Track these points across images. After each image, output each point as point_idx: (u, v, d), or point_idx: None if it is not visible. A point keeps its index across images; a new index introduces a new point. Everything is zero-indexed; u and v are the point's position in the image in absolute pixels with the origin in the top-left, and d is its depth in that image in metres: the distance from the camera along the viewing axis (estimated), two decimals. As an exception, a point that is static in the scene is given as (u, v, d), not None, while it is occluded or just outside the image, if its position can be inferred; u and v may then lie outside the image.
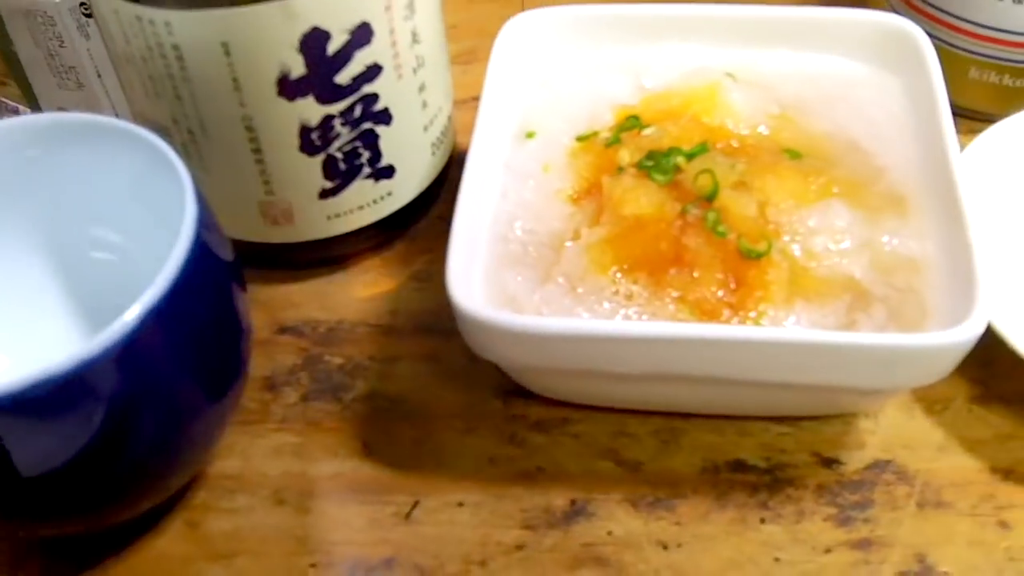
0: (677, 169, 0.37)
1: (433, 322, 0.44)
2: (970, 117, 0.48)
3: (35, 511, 0.34)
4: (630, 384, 0.36)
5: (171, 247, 0.32)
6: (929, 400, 0.40)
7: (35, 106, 0.51)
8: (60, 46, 0.47)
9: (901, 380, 0.34)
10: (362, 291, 0.45)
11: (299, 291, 0.45)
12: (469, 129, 0.47)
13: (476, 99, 0.47)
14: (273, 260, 0.45)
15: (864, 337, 0.33)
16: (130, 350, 0.31)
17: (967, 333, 0.32)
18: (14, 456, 0.31)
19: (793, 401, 0.37)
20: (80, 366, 0.30)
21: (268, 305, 0.44)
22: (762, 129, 0.41)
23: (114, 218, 0.39)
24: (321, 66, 0.38)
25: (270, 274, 0.45)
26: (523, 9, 0.46)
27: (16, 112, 0.53)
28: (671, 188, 0.37)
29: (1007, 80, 0.47)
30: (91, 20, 0.46)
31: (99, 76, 0.47)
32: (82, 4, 0.46)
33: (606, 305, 0.36)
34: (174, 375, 0.34)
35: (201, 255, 0.33)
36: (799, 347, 0.33)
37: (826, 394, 0.36)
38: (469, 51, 0.54)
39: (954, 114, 0.40)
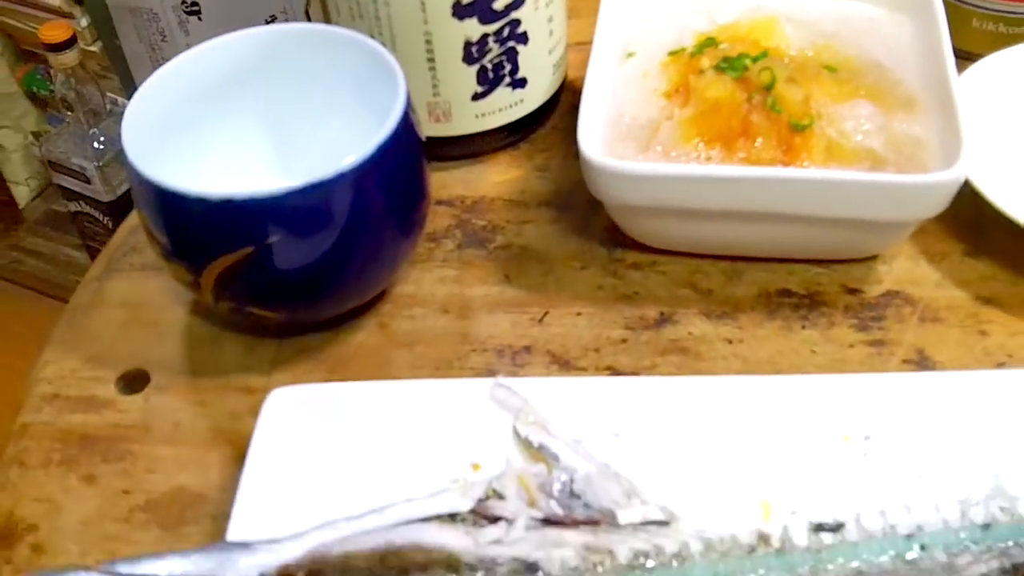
0: (745, 68, 0.50)
1: (553, 199, 0.57)
2: (971, 59, 0.61)
3: (281, 298, 0.49)
4: (705, 223, 0.50)
5: (380, 128, 0.46)
6: (930, 253, 0.53)
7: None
8: (162, 40, 0.58)
9: (908, 212, 0.47)
10: (497, 177, 0.59)
11: (449, 176, 0.59)
12: (573, 66, 0.61)
13: (578, 44, 0.61)
14: (431, 153, 0.59)
15: (883, 176, 0.46)
16: (362, 173, 0.45)
17: (953, 175, 0.46)
18: (274, 252, 0.45)
19: (827, 242, 0.51)
20: (332, 179, 0.44)
21: (426, 185, 0.58)
22: (807, 51, 0.54)
23: (338, 106, 0.53)
24: (484, -5, 0.52)
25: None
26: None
27: (116, 104, 0.64)
28: (740, 82, 0.50)
29: (1002, 28, 0.60)
30: (191, 17, 0.57)
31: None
32: (183, 1, 0.58)
33: (691, 164, 0.49)
34: (385, 206, 0.48)
35: (407, 125, 0.47)
36: (835, 183, 0.46)
37: (852, 232, 0.49)
38: (573, 8, 0.68)
39: (957, 56, 0.53)
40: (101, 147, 1.58)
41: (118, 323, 0.54)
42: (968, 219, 0.53)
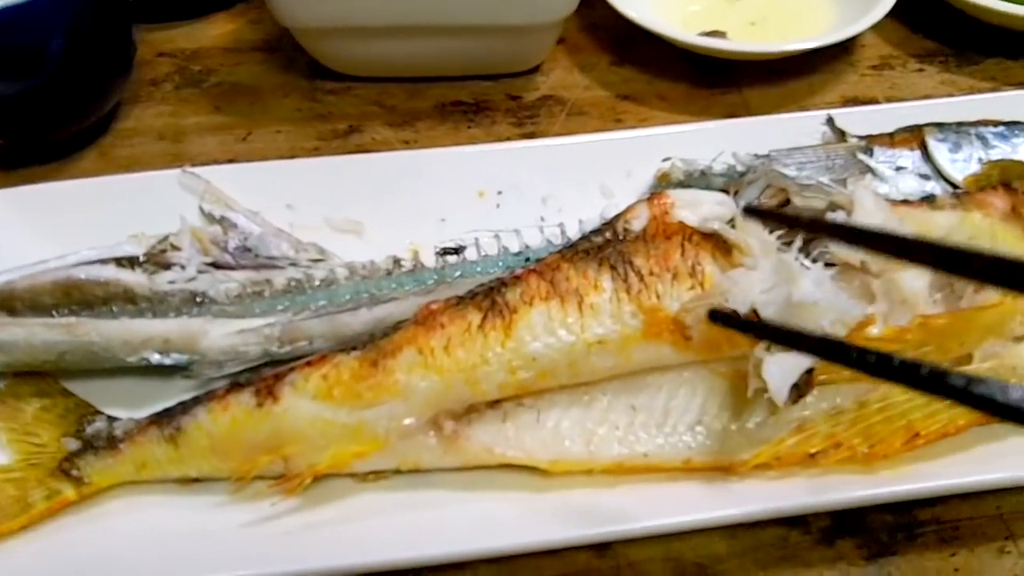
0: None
1: (263, 45, 0.65)
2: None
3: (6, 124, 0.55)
4: (377, 42, 0.58)
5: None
6: (582, 65, 0.62)
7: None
8: None
9: (543, 14, 0.56)
10: (215, 31, 0.66)
11: (173, 34, 0.66)
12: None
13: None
14: (153, 14, 0.65)
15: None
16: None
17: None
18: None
19: (486, 53, 0.59)
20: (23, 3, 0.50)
21: (151, 43, 0.65)
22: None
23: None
24: None
25: (150, 27, 0.65)
26: None
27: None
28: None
29: None
30: None
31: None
32: None
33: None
34: (83, 36, 0.54)
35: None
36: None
37: (503, 40, 0.58)
38: None
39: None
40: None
41: None
42: (616, 37, 0.62)
